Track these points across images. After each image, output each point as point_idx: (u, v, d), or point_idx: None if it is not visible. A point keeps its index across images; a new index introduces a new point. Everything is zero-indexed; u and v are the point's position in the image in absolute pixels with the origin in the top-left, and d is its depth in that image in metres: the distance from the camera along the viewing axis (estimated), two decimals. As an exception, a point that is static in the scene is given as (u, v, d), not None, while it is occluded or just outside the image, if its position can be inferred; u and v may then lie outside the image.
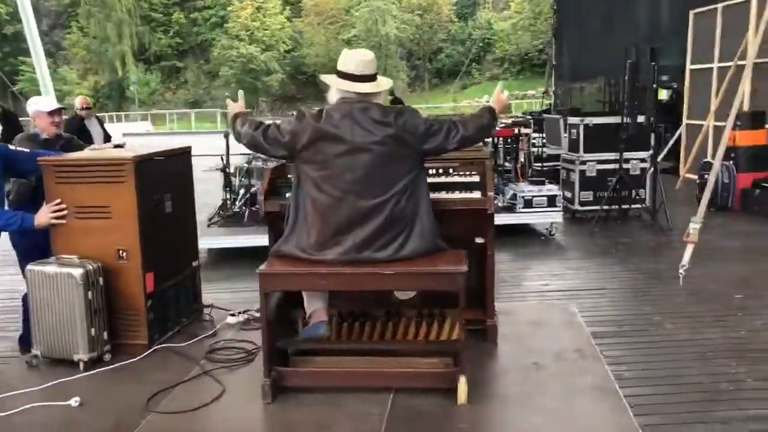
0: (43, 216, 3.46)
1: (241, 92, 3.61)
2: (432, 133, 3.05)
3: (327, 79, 3.08)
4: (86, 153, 3.80)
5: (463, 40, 44.86)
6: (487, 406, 2.98)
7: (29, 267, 3.35)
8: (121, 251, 3.49)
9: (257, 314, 3.89)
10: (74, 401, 3.00)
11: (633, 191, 7.85)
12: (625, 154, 7.66)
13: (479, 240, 3.46)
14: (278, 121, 3.13)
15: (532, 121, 8.91)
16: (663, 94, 12.90)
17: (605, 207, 7.69)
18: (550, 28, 39.81)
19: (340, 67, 3.06)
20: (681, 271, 5.42)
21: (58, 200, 3.47)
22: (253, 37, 43.27)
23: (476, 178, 3.47)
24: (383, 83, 3.09)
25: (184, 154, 4.04)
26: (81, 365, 3.34)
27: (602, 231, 7.49)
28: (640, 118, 7.46)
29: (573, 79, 17.75)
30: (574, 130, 8.41)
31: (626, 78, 7.43)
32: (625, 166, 7.76)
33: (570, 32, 18.20)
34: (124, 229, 3.47)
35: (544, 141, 10.46)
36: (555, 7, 19.54)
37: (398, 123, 2.96)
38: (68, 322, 3.30)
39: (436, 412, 2.88)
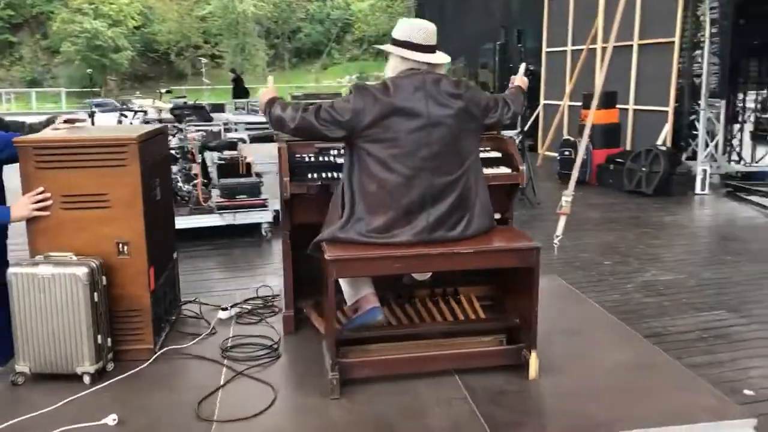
0: (23, 207, 2.90)
1: (270, 78, 3.33)
2: (491, 107, 2.97)
3: (392, 48, 2.82)
4: (65, 132, 3.18)
5: (321, 20, 44.58)
6: (557, 378, 2.86)
7: (12, 270, 2.79)
8: (121, 245, 3.01)
9: (248, 307, 3.69)
10: (111, 419, 2.55)
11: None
12: (495, 132, 7.99)
13: (497, 216, 3.28)
14: (326, 101, 2.83)
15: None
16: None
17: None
18: (407, 10, 40.59)
19: (402, 36, 2.82)
20: (555, 241, 5.76)
21: (41, 188, 2.91)
22: (99, 11, 40.48)
23: (498, 154, 3.37)
24: (445, 55, 2.87)
25: (163, 134, 3.60)
26: (86, 378, 2.84)
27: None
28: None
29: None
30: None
31: (496, 59, 7.71)
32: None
33: (431, 13, 18.60)
34: (125, 220, 2.99)
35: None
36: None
37: (467, 95, 2.81)
38: (69, 331, 2.82)
39: (514, 389, 2.78)
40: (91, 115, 6.73)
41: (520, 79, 3.38)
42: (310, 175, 3.13)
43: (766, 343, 4.01)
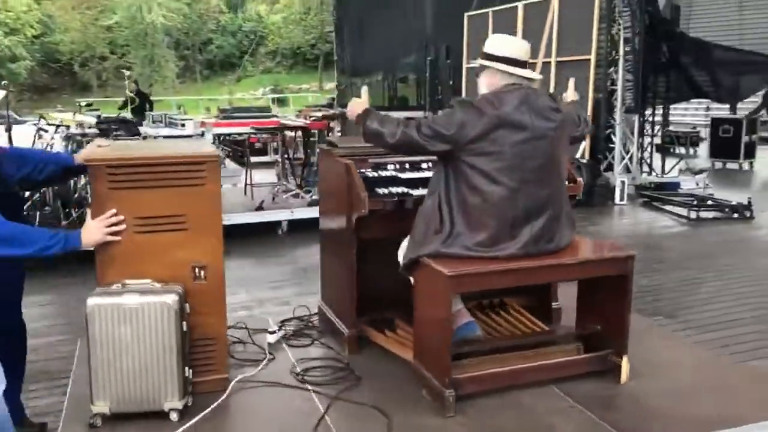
0: (95, 231, 2.61)
1: (365, 88, 3.20)
2: (578, 121, 3.04)
3: (492, 63, 2.81)
4: (128, 150, 2.90)
5: (234, 32, 43.94)
6: (647, 381, 2.94)
7: (94, 302, 2.52)
8: (198, 269, 2.78)
9: (291, 328, 3.59)
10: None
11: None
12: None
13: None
14: (423, 115, 2.76)
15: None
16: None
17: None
18: (320, 23, 40.64)
19: (501, 52, 2.81)
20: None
21: (113, 210, 2.65)
22: (-6, 19, 38.42)
23: None
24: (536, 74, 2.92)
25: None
26: (174, 415, 2.60)
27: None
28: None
29: (354, 74, 18.28)
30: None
31: (427, 75, 7.83)
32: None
33: (350, 27, 18.69)
34: (202, 242, 2.76)
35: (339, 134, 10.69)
36: (335, 2, 19.91)
37: (564, 110, 2.90)
38: (157, 364, 2.57)
39: (613, 393, 2.84)
40: (9, 129, 6.31)
41: (572, 94, 3.45)
42: (379, 191, 3.10)
43: (704, 347, 4.22)
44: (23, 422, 2.94)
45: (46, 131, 7.30)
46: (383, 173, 3.23)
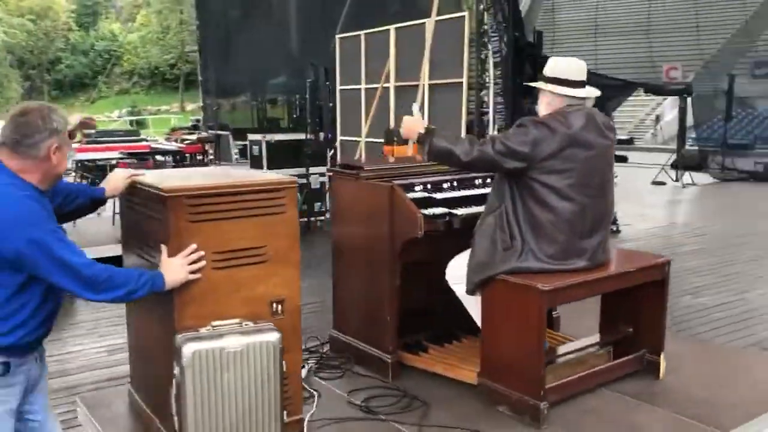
0: (179, 269, 2.32)
1: (416, 106, 3.18)
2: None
3: (556, 88, 2.93)
4: (191, 179, 2.67)
5: (85, 51, 41.52)
6: (680, 376, 3.20)
7: (192, 349, 2.24)
8: (275, 304, 2.56)
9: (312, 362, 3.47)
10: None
11: (315, 204, 8.17)
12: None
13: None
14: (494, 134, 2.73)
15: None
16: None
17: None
18: (180, 42, 39.31)
19: (560, 74, 2.94)
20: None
21: (194, 245, 2.36)
22: None
23: None
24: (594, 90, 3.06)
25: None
26: None
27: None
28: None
29: (220, 94, 17.73)
30: (255, 147, 8.39)
31: (307, 96, 7.66)
32: (305, 180, 8.04)
33: (214, 47, 18.12)
34: (281, 274, 2.55)
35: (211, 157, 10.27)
36: (198, 22, 19.28)
37: (613, 129, 3.08)
38: (259, 410, 2.35)
39: (659, 390, 3.06)
40: None
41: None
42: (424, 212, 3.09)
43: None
44: None
45: None
46: (415, 195, 3.20)
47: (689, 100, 14.01)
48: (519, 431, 2.74)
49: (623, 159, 17.39)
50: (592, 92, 3.01)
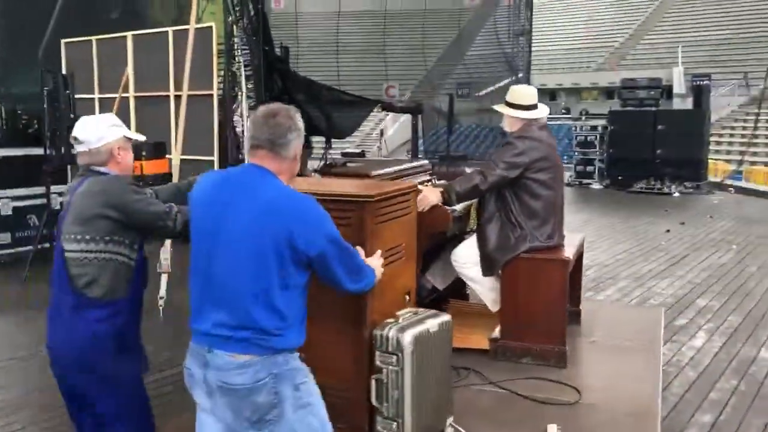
0: (378, 268, 2.43)
1: (426, 192, 3.66)
2: None
3: (519, 113, 3.87)
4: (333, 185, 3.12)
5: None
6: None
7: (411, 336, 2.58)
8: (407, 295, 3.01)
9: None
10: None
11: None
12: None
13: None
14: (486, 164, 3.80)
15: None
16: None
17: (39, 246, 6.91)
18: None
19: (520, 101, 3.90)
20: (160, 303, 5.39)
21: (379, 249, 2.60)
22: None
23: None
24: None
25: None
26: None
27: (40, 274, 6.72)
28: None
29: None
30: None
31: (45, 107, 6.82)
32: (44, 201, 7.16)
33: None
34: (410, 269, 3.06)
35: None
36: None
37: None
38: (445, 381, 2.83)
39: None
40: None
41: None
42: None
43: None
44: None
45: None
46: None
47: (420, 117, 15.24)
48: (553, 371, 3.59)
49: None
50: (543, 110, 3.96)
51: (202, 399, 2.10)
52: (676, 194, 15.29)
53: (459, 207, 3.86)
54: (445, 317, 2.79)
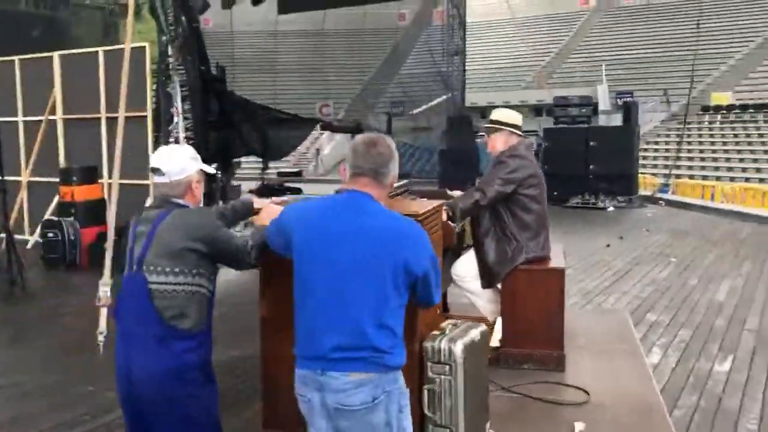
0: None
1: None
2: None
3: (511, 132, 4.15)
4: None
5: None
6: None
7: (460, 346, 2.75)
8: (438, 309, 3.23)
9: None
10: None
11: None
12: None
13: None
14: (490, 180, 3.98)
15: None
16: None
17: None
18: None
19: (513, 121, 4.18)
20: (100, 338, 5.05)
21: None
22: None
23: None
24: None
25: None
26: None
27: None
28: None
29: None
30: None
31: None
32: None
33: None
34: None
35: None
36: None
37: None
38: (484, 390, 3.07)
39: None
40: None
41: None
42: None
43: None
44: None
45: None
46: None
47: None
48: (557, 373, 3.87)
49: (298, 191, 18.10)
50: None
51: (321, 424, 2.13)
52: (611, 209, 15.68)
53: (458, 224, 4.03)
54: (483, 327, 2.94)
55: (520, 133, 4.22)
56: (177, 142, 9.53)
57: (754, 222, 13.47)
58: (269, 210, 2.76)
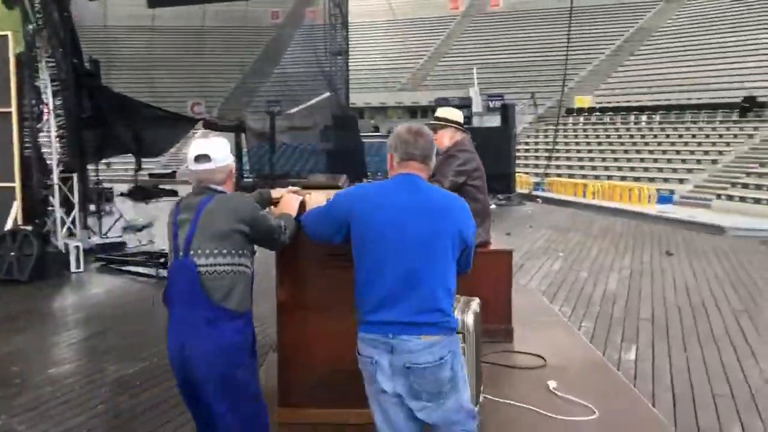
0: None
1: None
2: None
3: (456, 128, 4.51)
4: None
5: None
6: None
7: (474, 313, 3.24)
8: None
9: None
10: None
11: None
12: None
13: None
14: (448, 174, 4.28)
15: None
16: None
17: None
18: None
19: (456, 119, 4.56)
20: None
21: None
22: None
23: None
24: None
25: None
26: None
27: None
28: None
29: None
30: None
31: None
32: None
33: None
34: None
35: None
36: None
37: None
38: (480, 358, 3.46)
39: None
40: None
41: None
42: None
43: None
44: None
45: None
46: None
47: (243, 135, 14.68)
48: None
49: (174, 193, 17.28)
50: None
51: (385, 384, 2.33)
52: (493, 206, 16.14)
53: None
54: (477, 300, 3.21)
55: (464, 129, 4.58)
56: (48, 140, 8.73)
57: (624, 217, 14.38)
58: (288, 199, 2.94)
